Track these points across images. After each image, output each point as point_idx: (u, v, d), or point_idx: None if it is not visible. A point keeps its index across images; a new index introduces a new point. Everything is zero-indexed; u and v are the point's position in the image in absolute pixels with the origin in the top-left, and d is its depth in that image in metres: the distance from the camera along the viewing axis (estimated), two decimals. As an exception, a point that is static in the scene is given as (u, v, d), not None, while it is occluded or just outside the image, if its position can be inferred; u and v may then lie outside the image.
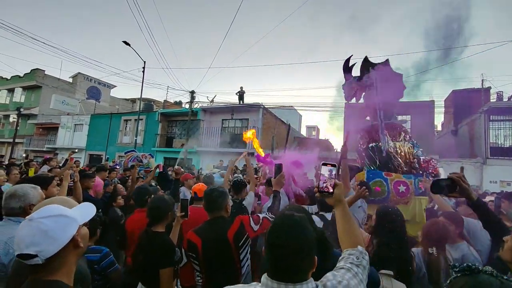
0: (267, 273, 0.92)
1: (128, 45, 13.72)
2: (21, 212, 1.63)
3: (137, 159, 9.87)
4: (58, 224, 0.91)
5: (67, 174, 2.64)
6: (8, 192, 1.68)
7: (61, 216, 0.94)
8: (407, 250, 1.76)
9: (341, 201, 1.11)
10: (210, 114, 16.22)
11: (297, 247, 0.88)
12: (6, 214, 1.63)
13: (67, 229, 0.93)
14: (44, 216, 0.91)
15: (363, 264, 0.99)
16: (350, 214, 1.12)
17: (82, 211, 1.05)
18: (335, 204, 1.12)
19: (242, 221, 1.92)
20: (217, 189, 1.98)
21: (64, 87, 25.07)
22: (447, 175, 1.48)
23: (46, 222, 0.90)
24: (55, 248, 0.89)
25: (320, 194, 1.11)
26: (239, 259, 1.82)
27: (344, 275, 0.93)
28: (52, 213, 0.93)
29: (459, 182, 1.41)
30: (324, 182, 1.10)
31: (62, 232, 0.91)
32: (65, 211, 0.97)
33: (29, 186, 1.76)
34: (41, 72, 24.37)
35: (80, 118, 21.20)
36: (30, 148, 22.39)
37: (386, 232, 1.75)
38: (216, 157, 13.74)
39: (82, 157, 19.20)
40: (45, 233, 0.88)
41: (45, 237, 0.87)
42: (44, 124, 23.00)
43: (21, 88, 25.28)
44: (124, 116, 19.29)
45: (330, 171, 1.11)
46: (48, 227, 0.89)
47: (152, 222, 1.97)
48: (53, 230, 0.89)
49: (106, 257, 1.90)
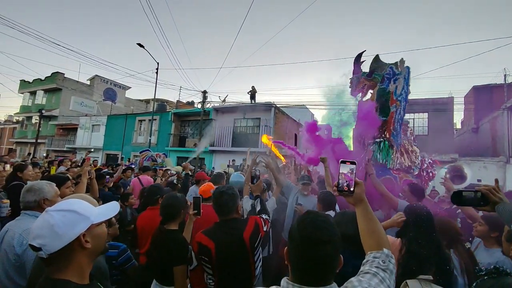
0: (291, 276, 0.88)
1: (142, 47, 14.04)
2: (36, 206, 1.70)
3: (152, 158, 10.11)
4: (65, 220, 0.88)
5: (86, 171, 2.72)
6: (26, 187, 1.76)
7: (71, 212, 0.91)
8: (439, 246, 1.64)
9: (362, 200, 1.06)
10: (222, 113, 16.32)
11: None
12: (23, 208, 1.72)
13: (74, 226, 0.89)
14: (57, 209, 0.90)
15: (390, 268, 0.92)
16: (372, 213, 1.06)
17: (102, 210, 1.02)
18: (355, 204, 1.07)
19: (256, 221, 1.89)
20: (226, 191, 1.87)
21: (82, 89, 26.00)
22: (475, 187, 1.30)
23: (55, 215, 0.88)
24: (59, 244, 0.85)
25: (340, 193, 1.07)
26: (254, 261, 1.77)
27: (370, 280, 0.86)
28: (65, 207, 0.91)
29: (488, 195, 1.24)
30: (344, 181, 1.07)
31: (68, 229, 0.87)
32: (79, 207, 0.94)
33: (45, 182, 1.84)
34: (61, 75, 25.37)
35: (97, 119, 21.91)
36: (52, 148, 23.38)
37: (412, 228, 1.68)
38: (228, 156, 13.84)
39: (99, 157, 19.83)
40: (51, 227, 0.85)
41: (50, 231, 0.85)
42: (64, 125, 23.94)
43: (42, 91, 26.37)
44: (138, 117, 19.75)
45: (350, 169, 1.07)
46: (55, 221, 0.86)
47: (166, 220, 1.99)
48: (58, 225, 0.86)
49: (124, 253, 1.95)
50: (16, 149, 23.99)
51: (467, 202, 1.32)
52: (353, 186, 1.06)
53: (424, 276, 1.40)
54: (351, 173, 1.07)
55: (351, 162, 1.08)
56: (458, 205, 1.39)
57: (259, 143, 13.90)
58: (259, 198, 2.25)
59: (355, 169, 1.07)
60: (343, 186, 1.06)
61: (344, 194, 1.06)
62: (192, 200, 2.14)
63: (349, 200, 1.07)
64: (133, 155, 16.96)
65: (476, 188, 1.29)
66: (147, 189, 2.82)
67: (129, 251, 2.01)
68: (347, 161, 1.08)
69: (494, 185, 1.28)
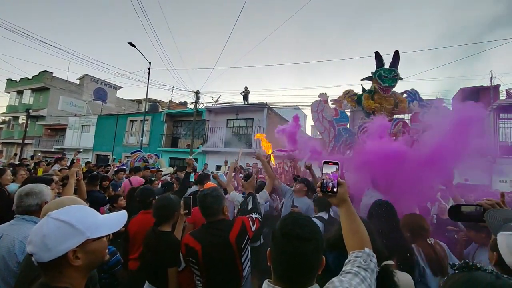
0: (273, 278, 0.88)
1: (133, 46, 13.86)
2: (38, 210, 1.65)
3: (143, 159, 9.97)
4: (57, 232, 0.83)
5: (73, 172, 2.68)
6: (23, 191, 1.69)
7: (66, 224, 0.85)
8: (401, 237, 1.73)
9: (346, 200, 1.06)
10: (215, 114, 16.27)
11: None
12: (21, 212, 1.65)
13: (65, 241, 0.83)
14: (56, 217, 0.86)
15: (371, 267, 0.93)
16: (356, 213, 1.07)
17: (106, 223, 0.94)
18: (339, 204, 1.07)
19: (243, 222, 1.87)
20: (210, 194, 1.86)
21: (72, 89, 25.46)
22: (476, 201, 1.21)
23: (51, 224, 0.84)
24: (48, 256, 0.81)
25: (323, 194, 1.06)
26: (241, 262, 1.77)
27: (351, 280, 0.87)
28: (64, 218, 0.86)
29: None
30: (327, 181, 1.06)
31: (58, 243, 0.82)
32: (77, 219, 0.87)
33: (43, 185, 1.79)
34: (49, 74, 24.79)
35: (87, 119, 21.50)
36: (39, 149, 22.80)
37: (375, 220, 1.77)
38: (221, 157, 13.79)
39: (89, 158, 19.45)
40: (43, 237, 0.81)
41: (41, 242, 0.81)
42: (52, 125, 23.39)
43: (29, 90, 25.72)
44: (130, 117, 19.48)
45: (333, 170, 1.07)
46: (47, 232, 0.82)
47: (159, 222, 1.97)
48: (49, 237, 0.82)
49: (113, 255, 1.92)
50: (3, 150, 23.18)
51: (467, 217, 1.23)
52: (336, 186, 1.05)
53: (387, 261, 1.44)
54: (334, 173, 1.06)
55: (334, 163, 1.07)
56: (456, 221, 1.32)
57: (252, 143, 13.91)
58: (251, 196, 2.24)
59: (338, 169, 1.07)
60: (327, 186, 1.06)
61: (327, 195, 1.06)
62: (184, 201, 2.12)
63: (333, 201, 1.07)
64: (124, 156, 16.70)
65: (477, 203, 1.20)
66: (139, 192, 2.75)
67: (118, 253, 1.97)
68: (330, 162, 1.07)
69: (499, 200, 1.18)
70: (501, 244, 0.99)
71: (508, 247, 0.96)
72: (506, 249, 0.96)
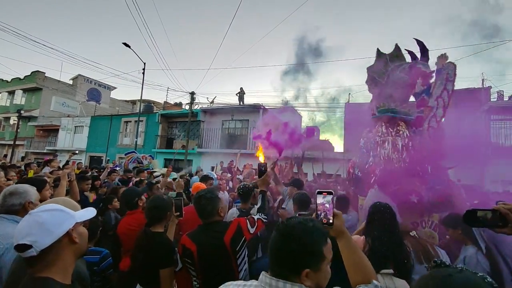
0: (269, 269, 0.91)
1: (128, 46, 13.75)
2: (21, 209, 1.64)
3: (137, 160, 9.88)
4: (54, 217, 0.95)
5: (65, 174, 2.64)
6: (7, 190, 1.68)
7: (58, 211, 0.98)
8: (400, 243, 1.73)
9: (343, 232, 1.02)
10: (210, 115, 16.22)
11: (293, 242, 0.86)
12: (3, 211, 1.63)
13: (63, 223, 0.96)
14: (42, 210, 0.96)
15: None
16: (355, 245, 1.04)
17: (82, 212, 1.10)
18: (336, 236, 1.03)
19: (239, 224, 1.84)
20: (205, 195, 1.85)
21: (65, 89, 25.11)
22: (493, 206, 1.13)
23: (43, 215, 0.94)
24: (50, 240, 0.91)
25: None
26: (237, 264, 1.75)
27: None
28: (50, 208, 0.98)
29: (508, 215, 1.05)
30: (322, 212, 1.01)
31: (58, 225, 0.95)
32: (63, 207, 1.01)
33: (28, 185, 1.78)
34: (42, 74, 24.41)
35: (80, 120, 21.21)
36: (31, 150, 22.41)
37: (376, 227, 1.75)
38: (217, 158, 13.74)
39: (82, 159, 19.20)
40: (41, 225, 0.91)
41: (41, 229, 0.91)
42: (44, 126, 23.02)
43: (21, 90, 25.29)
44: (124, 118, 19.28)
45: (327, 200, 1.02)
46: (44, 220, 0.93)
47: (151, 222, 1.94)
48: (48, 222, 0.93)
49: (106, 258, 1.89)
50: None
51: (482, 223, 1.14)
52: (332, 217, 1.01)
53: (385, 270, 1.47)
54: (329, 204, 1.02)
55: (328, 193, 1.03)
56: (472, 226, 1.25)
57: (247, 144, 13.90)
58: (262, 194, 2.15)
59: (333, 199, 1.02)
60: (322, 218, 1.01)
61: (324, 227, 1.01)
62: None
63: (329, 233, 1.02)
64: (118, 157, 16.52)
65: (493, 207, 1.12)
66: (124, 193, 2.68)
67: (111, 257, 1.94)
68: (324, 191, 1.03)
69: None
70: None
71: None
72: None
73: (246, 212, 2.85)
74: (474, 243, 2.07)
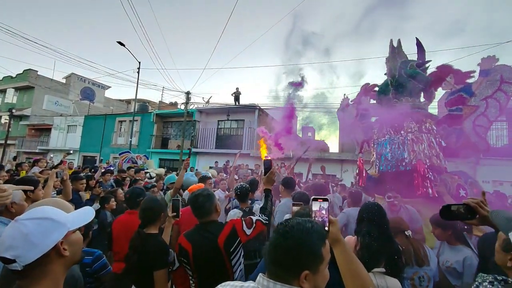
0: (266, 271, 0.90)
1: (122, 45, 13.61)
2: (4, 210, 1.60)
3: (132, 160, 9.79)
4: (40, 228, 0.83)
5: (53, 173, 2.60)
6: None
7: (46, 220, 0.86)
8: (390, 239, 1.76)
9: (339, 239, 1.00)
10: (206, 115, 16.17)
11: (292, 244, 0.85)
12: None
13: (51, 234, 0.84)
14: (29, 217, 0.85)
15: None
16: (352, 253, 1.02)
17: (77, 216, 0.98)
18: (332, 244, 1.00)
19: (234, 226, 1.83)
20: (201, 193, 1.86)
21: (57, 88, 24.75)
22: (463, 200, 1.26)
23: (28, 224, 0.82)
24: (35, 255, 0.80)
25: None
26: (231, 265, 1.75)
27: None
28: (38, 215, 0.86)
29: (476, 208, 1.20)
30: (317, 219, 0.99)
31: (44, 237, 0.83)
32: (54, 214, 0.89)
33: (10, 185, 1.72)
34: (34, 72, 24.02)
35: (73, 119, 20.93)
36: (22, 150, 22.02)
37: (366, 224, 1.78)
38: (212, 158, 13.69)
39: (75, 159, 18.95)
40: (25, 236, 0.80)
41: (25, 241, 0.80)
42: (36, 125, 22.64)
43: (13, 88, 24.85)
44: (118, 117, 19.08)
45: (323, 207, 1.00)
46: (29, 230, 0.81)
47: (145, 224, 1.93)
48: (33, 234, 0.81)
49: (99, 259, 1.86)
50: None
51: (456, 216, 1.27)
52: (328, 225, 0.99)
53: (377, 269, 1.49)
54: (325, 210, 1.00)
55: (324, 199, 1.02)
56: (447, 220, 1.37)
57: (243, 144, 13.88)
58: (266, 193, 2.09)
59: (329, 206, 1.01)
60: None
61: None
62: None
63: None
64: (112, 157, 16.35)
65: (463, 202, 1.25)
66: (130, 190, 2.71)
67: (104, 257, 1.91)
68: (319, 198, 1.02)
69: (482, 198, 1.24)
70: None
71: None
72: None
73: (248, 211, 2.82)
74: (465, 245, 2.09)
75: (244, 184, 3.08)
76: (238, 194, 2.94)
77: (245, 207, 2.93)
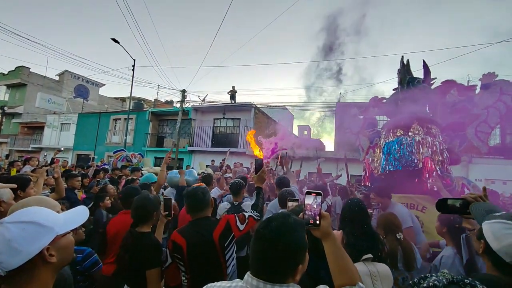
0: (250, 270, 0.89)
1: (117, 42, 13.45)
2: None
3: (127, 158, 9.71)
4: (25, 233, 0.79)
5: (43, 171, 2.57)
6: None
7: (32, 224, 0.81)
8: (374, 236, 1.79)
9: (329, 234, 1.01)
10: (202, 113, 16.11)
11: (284, 246, 0.85)
12: None
13: (36, 240, 0.79)
14: (14, 221, 0.81)
15: None
16: (341, 248, 1.03)
17: (69, 217, 0.93)
18: (322, 238, 1.01)
19: (228, 221, 1.86)
20: (199, 187, 1.90)
21: (50, 85, 24.39)
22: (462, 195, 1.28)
23: (12, 229, 0.78)
24: (18, 261, 0.76)
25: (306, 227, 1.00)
26: (225, 260, 1.77)
27: None
28: (24, 218, 0.82)
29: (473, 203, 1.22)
30: (309, 212, 1.01)
31: (28, 244, 0.78)
32: (41, 217, 0.84)
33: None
34: (26, 69, 23.62)
35: (67, 117, 20.66)
36: (15, 148, 21.68)
37: (348, 222, 1.80)
38: (208, 156, 13.65)
39: (69, 157, 18.73)
40: (8, 242, 0.76)
41: (8, 247, 0.76)
42: (29, 123, 22.31)
43: (5, 86, 24.42)
44: (113, 115, 18.90)
45: (316, 200, 1.01)
46: (12, 236, 0.77)
47: (137, 222, 1.91)
48: (17, 239, 0.77)
49: (89, 257, 1.83)
50: (-27, 149, 21.93)
51: (453, 210, 1.30)
52: (319, 218, 1.00)
53: (365, 256, 1.53)
54: (317, 204, 1.02)
55: (317, 193, 1.03)
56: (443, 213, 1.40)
57: (239, 143, 13.87)
58: (257, 190, 2.14)
59: (321, 200, 1.02)
60: (309, 219, 1.01)
61: (310, 228, 1.01)
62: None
63: (316, 234, 1.03)
64: (107, 155, 16.21)
65: (461, 196, 1.29)
66: (124, 190, 2.67)
67: (95, 254, 1.88)
68: (312, 192, 1.03)
69: (482, 194, 1.26)
70: (486, 232, 1.05)
71: (493, 234, 1.02)
72: (492, 236, 1.02)
73: (237, 205, 3.01)
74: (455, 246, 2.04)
75: (238, 180, 3.26)
76: (231, 188, 3.14)
77: (237, 200, 3.10)
